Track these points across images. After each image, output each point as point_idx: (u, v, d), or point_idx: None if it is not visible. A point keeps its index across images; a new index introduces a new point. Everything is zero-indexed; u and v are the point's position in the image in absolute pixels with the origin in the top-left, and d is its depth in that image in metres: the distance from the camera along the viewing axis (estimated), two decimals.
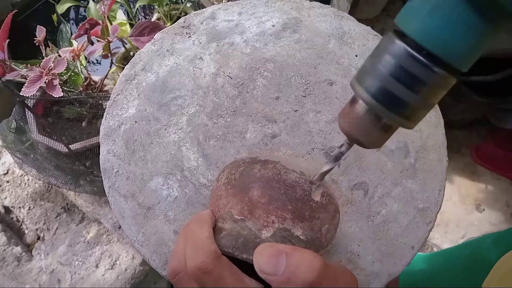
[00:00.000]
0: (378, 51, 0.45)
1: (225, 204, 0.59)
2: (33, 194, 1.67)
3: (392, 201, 0.77)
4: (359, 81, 0.47)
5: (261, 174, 0.59)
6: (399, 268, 0.75)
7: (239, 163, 0.64)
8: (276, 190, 0.57)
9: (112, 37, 1.26)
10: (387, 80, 0.43)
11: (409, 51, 0.42)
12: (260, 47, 0.87)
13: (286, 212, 0.55)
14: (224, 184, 0.61)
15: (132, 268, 1.50)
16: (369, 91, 0.45)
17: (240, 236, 0.55)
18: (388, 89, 0.43)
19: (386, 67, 0.43)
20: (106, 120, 0.84)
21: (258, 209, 0.56)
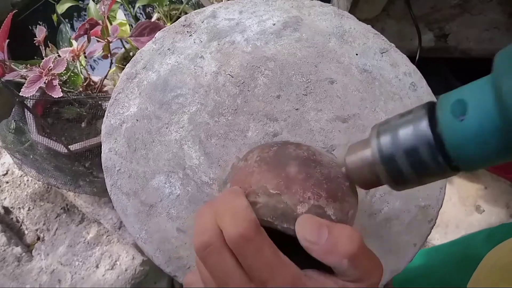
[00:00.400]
0: (408, 117, 0.47)
1: (258, 180, 0.59)
2: (33, 194, 1.67)
3: (394, 198, 0.78)
4: (377, 132, 0.50)
5: (297, 153, 0.59)
6: (402, 265, 0.75)
7: (271, 144, 0.64)
8: (313, 168, 0.57)
9: (112, 37, 1.26)
10: (399, 152, 0.46)
11: (431, 143, 0.43)
12: (261, 45, 0.88)
13: (321, 190, 0.56)
14: (256, 162, 0.61)
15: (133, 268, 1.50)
16: (379, 149, 0.48)
17: (277, 208, 0.55)
18: (395, 159, 0.46)
19: (403, 138, 0.46)
20: (108, 118, 0.84)
21: (295, 184, 0.56)
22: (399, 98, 0.84)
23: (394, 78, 0.85)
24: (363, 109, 0.82)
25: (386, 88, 0.83)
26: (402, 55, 0.88)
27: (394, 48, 0.89)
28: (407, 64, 0.87)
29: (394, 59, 0.87)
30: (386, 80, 0.85)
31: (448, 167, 0.44)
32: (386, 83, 0.84)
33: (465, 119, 0.40)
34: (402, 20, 1.95)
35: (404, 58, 0.88)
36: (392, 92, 0.84)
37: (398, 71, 0.86)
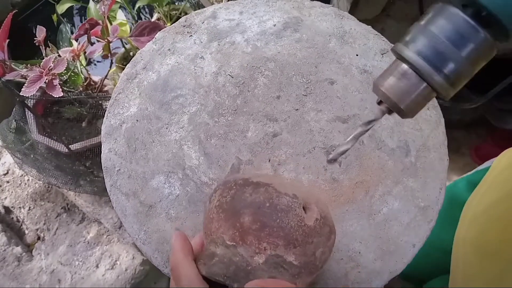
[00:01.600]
0: (431, 17, 0.48)
1: (217, 228, 0.59)
2: (33, 194, 1.67)
3: (393, 199, 0.78)
4: (406, 44, 0.50)
5: (253, 198, 0.58)
6: (401, 266, 0.75)
7: (231, 185, 0.63)
8: (267, 216, 0.56)
9: (112, 37, 1.26)
10: (440, 41, 0.46)
11: (464, 16, 0.46)
12: (261, 46, 0.87)
13: (278, 239, 0.55)
14: (215, 207, 0.61)
15: (133, 268, 1.50)
16: (418, 52, 0.48)
17: (231, 263, 0.55)
18: (440, 50, 0.47)
19: (440, 29, 0.47)
20: (108, 119, 0.84)
21: (250, 235, 0.56)
22: None
23: None
24: (363, 110, 0.82)
25: None
26: None
27: None
28: None
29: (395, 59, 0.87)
30: None
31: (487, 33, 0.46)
32: None
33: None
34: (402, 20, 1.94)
35: None
36: None
37: None
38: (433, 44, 0.47)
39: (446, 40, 0.46)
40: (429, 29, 0.47)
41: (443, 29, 0.46)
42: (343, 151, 0.59)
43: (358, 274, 0.74)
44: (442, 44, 0.46)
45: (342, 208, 0.77)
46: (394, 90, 0.51)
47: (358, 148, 0.80)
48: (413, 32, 0.49)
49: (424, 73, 0.48)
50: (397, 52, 0.51)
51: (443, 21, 0.47)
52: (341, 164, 0.79)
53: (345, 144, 0.59)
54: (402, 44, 0.50)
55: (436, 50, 0.47)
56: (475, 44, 0.46)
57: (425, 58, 0.47)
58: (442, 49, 0.46)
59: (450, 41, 0.46)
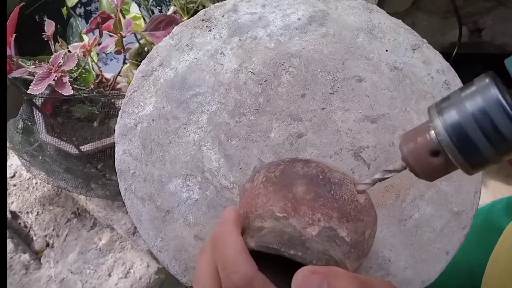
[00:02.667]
0: (470, 90, 0.46)
1: (264, 202, 0.59)
2: (42, 198, 1.67)
3: (425, 204, 0.78)
4: (438, 111, 0.49)
5: (305, 171, 0.59)
6: (433, 275, 0.75)
7: (278, 162, 0.63)
8: (322, 187, 0.57)
9: (126, 31, 1.27)
10: (470, 123, 0.45)
11: (503, 104, 0.43)
12: (285, 41, 0.88)
13: (332, 210, 0.55)
14: (262, 183, 0.61)
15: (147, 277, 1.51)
16: (446, 126, 0.47)
17: (284, 233, 0.55)
18: (467, 133, 0.45)
19: (473, 109, 0.45)
20: (122, 118, 0.85)
21: (303, 205, 0.56)
22: (431, 97, 0.83)
23: (426, 76, 0.85)
24: (393, 109, 0.82)
25: (417, 86, 0.83)
26: (435, 52, 0.88)
27: (426, 44, 0.89)
28: (440, 61, 0.87)
29: (427, 55, 0.87)
30: (418, 78, 0.84)
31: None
32: (417, 81, 0.84)
33: None
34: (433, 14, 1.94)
35: (437, 55, 0.88)
36: (424, 91, 0.84)
37: (431, 69, 0.86)
38: (464, 125, 0.45)
39: (477, 126, 0.44)
40: (465, 105, 0.46)
41: (478, 112, 0.44)
42: (360, 190, 0.60)
43: None
44: (472, 129, 0.45)
45: None
46: (415, 157, 0.51)
47: (388, 149, 0.80)
48: (450, 100, 0.48)
49: (447, 150, 0.47)
50: (429, 115, 0.51)
51: (481, 102, 0.45)
52: (370, 167, 0.79)
53: (362, 184, 0.60)
54: (436, 110, 0.49)
55: (465, 132, 0.45)
56: (507, 140, 0.44)
57: (452, 136, 0.46)
58: (472, 134, 0.45)
59: (482, 129, 0.44)
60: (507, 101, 0.43)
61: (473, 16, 1.92)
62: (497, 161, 0.46)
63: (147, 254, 1.54)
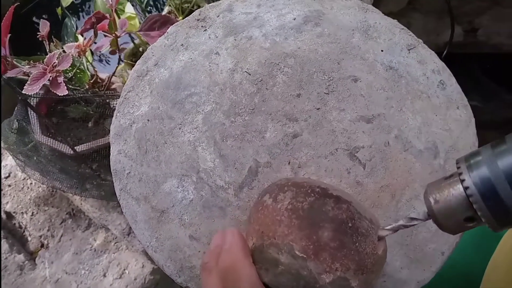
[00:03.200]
0: (504, 146, 0.46)
1: (285, 234, 0.58)
2: (37, 198, 1.67)
3: (421, 204, 0.78)
4: (469, 165, 0.48)
5: (335, 214, 0.58)
6: (429, 275, 0.75)
7: (307, 190, 0.61)
8: (348, 237, 0.56)
9: (120, 31, 1.27)
10: (501, 182, 0.44)
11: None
12: (280, 41, 0.88)
13: (352, 262, 0.55)
14: (287, 210, 0.59)
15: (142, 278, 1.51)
16: (476, 182, 0.46)
17: (300, 277, 0.55)
18: (498, 192, 0.44)
19: (505, 167, 0.44)
20: (117, 118, 0.84)
21: (326, 252, 0.55)
22: (427, 97, 0.84)
23: (421, 76, 0.85)
24: (389, 109, 0.82)
25: (413, 86, 0.83)
26: (430, 52, 0.88)
27: (421, 44, 0.89)
28: (436, 61, 0.87)
29: (422, 55, 0.87)
30: (413, 78, 0.84)
31: None
32: (413, 81, 0.84)
33: None
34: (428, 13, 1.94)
35: (433, 55, 0.88)
36: (419, 91, 0.84)
37: (426, 69, 0.86)
38: (495, 184, 0.44)
39: (507, 183, 0.43)
40: (497, 163, 0.45)
41: (508, 169, 0.44)
42: (381, 236, 0.60)
43: (383, 284, 0.74)
44: (504, 188, 0.43)
45: None
46: (441, 210, 0.50)
47: (384, 150, 0.80)
48: (480, 155, 0.48)
49: (476, 207, 0.46)
50: (459, 168, 0.49)
51: (510, 160, 0.44)
52: (366, 167, 0.79)
53: (383, 230, 0.60)
54: (465, 163, 0.48)
55: (494, 189, 0.44)
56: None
57: (481, 193, 0.45)
58: (501, 191, 0.43)
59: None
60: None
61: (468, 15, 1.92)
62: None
63: (142, 255, 1.54)
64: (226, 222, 0.77)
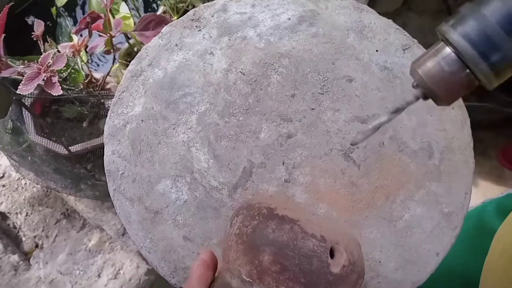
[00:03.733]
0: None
1: (234, 259, 0.59)
2: (31, 199, 1.67)
3: (416, 205, 0.78)
4: (453, 26, 0.49)
5: (275, 236, 0.58)
6: (423, 276, 0.75)
7: (254, 213, 0.62)
8: (289, 259, 0.56)
9: (115, 31, 1.26)
10: (491, 26, 0.46)
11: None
12: (275, 41, 0.88)
13: (298, 284, 0.55)
14: (235, 235, 0.61)
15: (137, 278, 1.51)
16: (465, 36, 0.47)
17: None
18: (489, 35, 0.46)
19: (492, 13, 0.46)
20: (111, 119, 0.84)
21: (268, 276, 0.56)
22: None
23: None
24: (384, 109, 0.82)
25: (408, 86, 0.83)
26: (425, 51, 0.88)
27: (416, 44, 0.89)
28: None
29: (417, 55, 0.86)
30: (408, 78, 0.84)
31: None
32: (408, 82, 0.84)
33: None
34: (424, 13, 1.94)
35: None
36: None
37: None
38: (483, 28, 0.46)
39: (498, 26, 0.45)
40: (481, 11, 0.46)
41: (496, 13, 0.45)
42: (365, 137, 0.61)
43: (378, 285, 0.74)
44: (493, 29, 0.46)
45: (361, 214, 0.77)
46: (433, 75, 0.51)
47: (378, 150, 0.80)
48: (463, 13, 0.49)
49: (469, 60, 0.48)
50: (442, 33, 0.51)
51: (497, 3, 0.46)
52: (360, 168, 0.79)
53: (360, 136, 0.61)
54: (448, 25, 0.50)
55: (485, 35, 0.46)
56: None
57: (472, 43, 0.47)
58: (493, 34, 0.46)
59: (502, 27, 0.45)
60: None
61: None
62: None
63: (137, 255, 1.54)
64: (220, 223, 0.77)
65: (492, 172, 2.31)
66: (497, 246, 0.95)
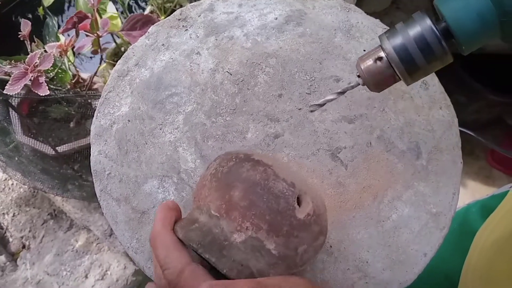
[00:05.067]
0: (412, 20, 0.64)
1: (206, 196, 0.61)
2: (18, 199, 1.66)
3: (403, 205, 0.78)
4: (388, 37, 0.65)
5: (248, 175, 0.59)
6: (411, 277, 0.75)
7: (231, 156, 0.64)
8: (258, 196, 0.57)
9: (102, 31, 1.26)
10: (411, 43, 0.63)
11: (434, 29, 0.62)
12: (262, 41, 0.87)
13: (262, 222, 0.56)
14: (210, 175, 0.62)
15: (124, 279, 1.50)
16: (394, 47, 0.64)
17: (209, 233, 0.57)
18: (408, 49, 0.63)
19: (413, 33, 0.63)
20: (97, 119, 0.84)
21: (236, 211, 0.57)
22: (409, 97, 0.83)
23: None
24: (371, 109, 0.82)
25: (395, 86, 0.82)
26: None
27: None
28: None
29: None
30: None
31: (446, 45, 0.62)
32: None
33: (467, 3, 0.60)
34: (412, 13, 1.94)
35: None
36: (402, 91, 0.84)
37: None
38: (406, 43, 0.63)
39: (415, 42, 0.63)
40: (407, 30, 0.64)
41: (416, 33, 0.63)
42: (319, 104, 0.72)
43: (365, 285, 0.74)
44: (411, 44, 0.63)
45: (349, 214, 0.77)
46: (369, 70, 0.67)
47: (366, 150, 0.80)
48: (396, 28, 0.65)
49: (394, 63, 0.64)
50: (380, 40, 0.67)
51: (418, 28, 0.63)
52: (348, 168, 0.79)
53: (314, 105, 0.73)
54: (385, 36, 0.66)
55: (406, 48, 0.63)
56: (435, 52, 0.63)
57: (397, 52, 0.63)
58: (410, 48, 0.63)
59: (418, 44, 0.63)
60: (437, 28, 0.62)
61: None
62: (425, 69, 0.65)
63: (124, 256, 1.54)
64: None
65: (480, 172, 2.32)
66: (477, 246, 0.96)
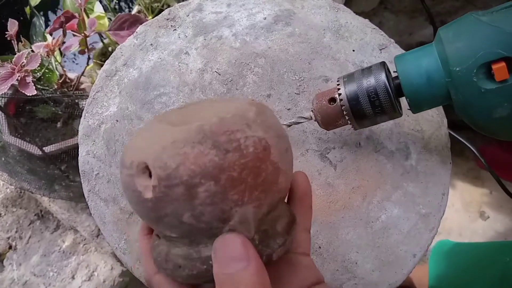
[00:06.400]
0: (369, 71, 0.69)
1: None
2: (4, 200, 1.65)
3: (392, 206, 0.78)
4: (345, 82, 0.70)
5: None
6: (400, 278, 0.75)
7: None
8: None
9: (89, 31, 1.26)
10: (363, 93, 0.67)
11: (386, 85, 0.66)
12: (251, 41, 0.87)
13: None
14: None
15: (111, 280, 1.49)
16: (348, 93, 0.68)
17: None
18: (359, 99, 0.68)
19: (367, 84, 0.67)
20: (85, 119, 0.84)
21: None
22: None
23: None
24: None
25: None
26: (402, 52, 0.88)
27: (393, 43, 0.89)
28: None
29: (394, 55, 0.87)
30: None
31: (397, 105, 0.68)
32: None
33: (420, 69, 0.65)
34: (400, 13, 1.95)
35: None
36: None
37: None
38: (358, 92, 0.68)
39: (367, 94, 0.67)
40: (362, 80, 0.68)
41: (369, 85, 0.67)
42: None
43: (354, 286, 0.74)
44: (363, 93, 0.67)
45: (338, 215, 0.77)
46: (320, 109, 0.71)
47: (355, 151, 0.80)
48: (354, 76, 0.69)
49: (344, 108, 0.69)
50: (338, 82, 0.71)
51: (372, 80, 0.67)
52: (337, 168, 0.79)
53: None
54: (343, 80, 0.70)
55: (357, 96, 0.68)
56: (383, 107, 0.67)
57: (349, 99, 0.68)
58: (361, 97, 0.67)
59: (369, 96, 0.67)
60: (390, 85, 0.66)
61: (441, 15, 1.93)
62: (372, 120, 0.69)
63: (111, 257, 1.53)
64: None
65: (469, 173, 2.32)
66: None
